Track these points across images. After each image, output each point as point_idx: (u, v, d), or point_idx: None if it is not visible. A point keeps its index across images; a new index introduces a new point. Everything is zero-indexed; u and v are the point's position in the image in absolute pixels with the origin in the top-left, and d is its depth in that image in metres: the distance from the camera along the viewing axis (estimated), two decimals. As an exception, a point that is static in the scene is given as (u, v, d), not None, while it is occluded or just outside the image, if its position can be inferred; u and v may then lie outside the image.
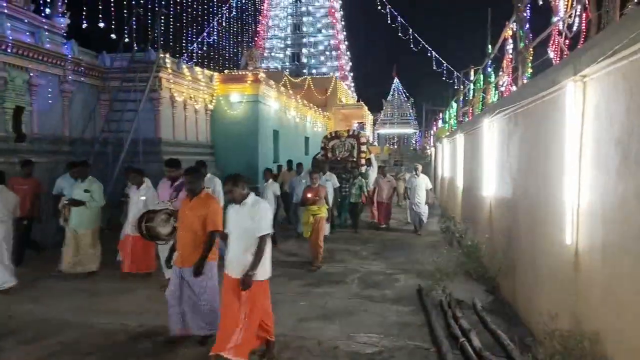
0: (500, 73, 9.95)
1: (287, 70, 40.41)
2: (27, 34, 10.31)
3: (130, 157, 11.67)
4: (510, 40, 8.80)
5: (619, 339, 3.22)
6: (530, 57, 7.46)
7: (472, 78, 14.94)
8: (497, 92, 10.74)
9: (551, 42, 7.04)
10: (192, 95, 14.78)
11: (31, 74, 10.33)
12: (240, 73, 17.34)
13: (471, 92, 14.59)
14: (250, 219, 4.31)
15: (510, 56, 8.96)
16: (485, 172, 7.78)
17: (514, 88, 8.59)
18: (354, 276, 7.60)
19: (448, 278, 6.37)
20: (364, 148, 14.58)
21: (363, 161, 14.45)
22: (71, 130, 11.68)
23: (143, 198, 7.18)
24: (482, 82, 12.29)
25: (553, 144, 4.47)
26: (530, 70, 7.38)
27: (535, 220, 5.06)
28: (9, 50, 9.61)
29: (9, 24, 9.64)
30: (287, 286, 7.04)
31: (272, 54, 49.80)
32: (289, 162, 13.52)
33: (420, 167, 12.37)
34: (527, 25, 7.71)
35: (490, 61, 11.47)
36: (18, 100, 10.07)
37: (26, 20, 10.34)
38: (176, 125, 13.89)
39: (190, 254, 4.72)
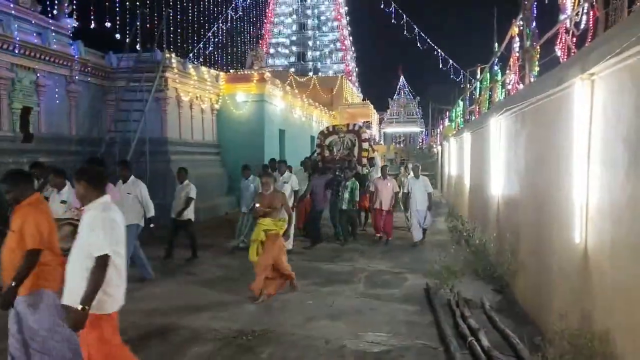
0: (507, 71, 9.90)
1: (293, 69, 40.41)
2: (34, 34, 10.39)
3: (137, 157, 11.74)
4: (517, 39, 8.75)
5: (630, 338, 3.20)
6: (537, 56, 7.42)
7: (478, 76, 14.87)
8: (503, 90, 10.68)
9: (558, 40, 7.00)
10: (198, 95, 14.83)
11: (38, 75, 10.41)
12: (246, 73, 17.41)
13: (478, 90, 14.53)
14: (89, 231, 3.24)
15: (517, 54, 8.91)
16: (493, 170, 7.75)
17: (520, 86, 8.54)
18: (361, 275, 7.60)
19: (456, 277, 6.34)
20: (365, 145, 12.80)
21: (365, 161, 12.69)
22: (78, 130, 11.77)
23: (63, 204, 5.89)
24: (488, 81, 12.23)
25: (561, 142, 4.44)
26: (537, 69, 7.34)
27: (543, 219, 5.04)
28: (16, 51, 9.69)
29: (16, 25, 9.72)
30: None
31: (278, 53, 49.83)
32: (272, 161, 10.93)
33: (419, 167, 10.66)
34: (534, 23, 7.67)
35: (496, 59, 11.42)
36: (25, 100, 10.15)
37: (33, 21, 10.42)
38: (182, 124, 13.94)
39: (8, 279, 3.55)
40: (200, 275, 7.67)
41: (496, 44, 11.80)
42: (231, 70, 21.01)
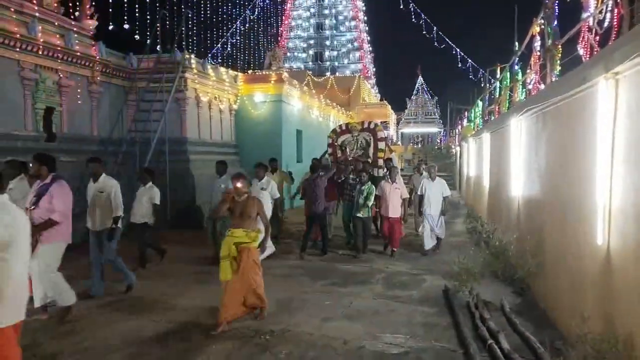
0: (528, 71, 9.78)
1: (310, 69, 40.48)
2: (57, 36, 10.56)
3: (157, 157, 11.87)
4: (538, 37, 8.64)
5: (655, 343, 3.14)
6: (559, 55, 7.31)
7: (498, 76, 14.71)
8: (524, 90, 10.55)
9: (580, 38, 6.89)
10: (217, 95, 14.93)
11: (61, 75, 10.59)
12: (264, 73, 17.46)
13: (497, 90, 14.37)
14: None
15: (538, 53, 8.81)
16: (513, 171, 7.66)
17: (542, 86, 8.43)
18: (379, 276, 7.57)
19: (475, 279, 6.28)
20: (381, 145, 11.49)
21: (381, 162, 11.34)
22: (99, 130, 11.94)
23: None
24: (509, 80, 12.10)
25: (584, 142, 4.37)
26: (558, 68, 7.24)
27: (565, 220, 4.96)
28: (40, 53, 9.87)
29: (40, 27, 9.90)
30: (312, 285, 7.05)
31: (295, 53, 49.96)
32: (272, 161, 10.30)
33: (435, 168, 9.63)
34: (556, 22, 7.57)
35: (517, 59, 11.28)
36: (48, 101, 10.33)
37: (56, 23, 10.61)
38: (201, 124, 14.06)
39: None
40: (216, 274, 7.71)
41: (516, 43, 11.68)
42: (249, 71, 21.11)
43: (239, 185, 5.53)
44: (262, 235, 5.65)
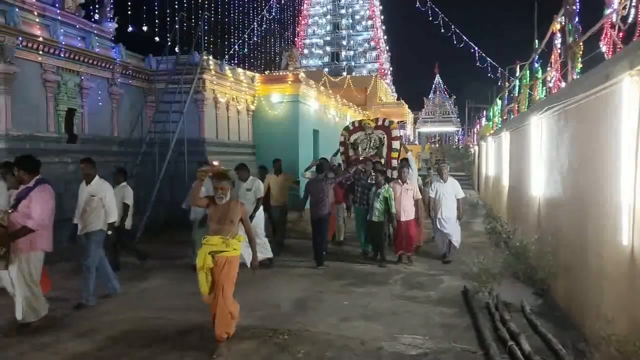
0: (548, 68, 9.63)
1: (327, 69, 40.47)
2: (78, 38, 10.73)
3: (176, 157, 11.98)
4: (559, 35, 8.51)
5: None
6: (581, 52, 7.19)
7: (517, 74, 14.52)
8: (544, 88, 10.40)
9: (603, 35, 6.76)
10: (235, 96, 15.02)
11: (82, 77, 10.76)
12: (280, 73, 17.53)
13: (516, 88, 14.18)
14: None
15: (559, 51, 8.67)
16: (533, 170, 7.55)
17: (563, 84, 8.29)
18: (396, 277, 7.53)
19: (494, 280, 6.20)
20: (396, 144, 10.57)
21: (395, 162, 10.37)
22: (120, 131, 12.10)
23: None
24: (528, 78, 11.93)
25: (607, 141, 4.29)
26: (580, 66, 7.11)
27: (588, 221, 4.87)
28: (61, 55, 10.04)
29: (62, 30, 10.07)
30: (329, 285, 7.05)
31: (312, 53, 50.00)
32: (275, 161, 10.07)
33: (447, 168, 9.06)
34: (577, 19, 7.44)
35: (537, 56, 11.12)
36: (70, 102, 10.50)
37: (77, 26, 10.78)
38: (219, 125, 14.15)
39: None
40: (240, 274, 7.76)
41: (536, 41, 11.50)
42: (266, 72, 21.18)
43: (222, 184, 4.79)
44: (242, 243, 4.91)
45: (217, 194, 4.78)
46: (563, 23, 7.92)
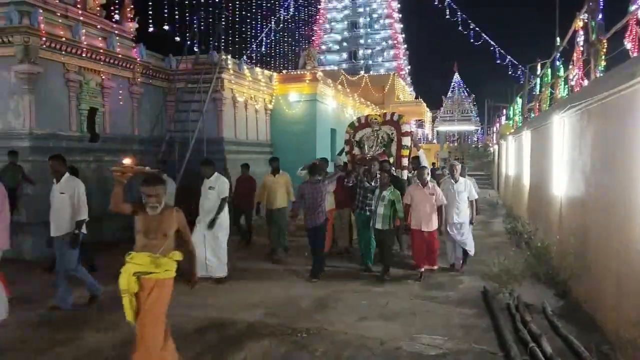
0: (570, 66, 9.48)
1: (344, 68, 40.41)
2: (100, 39, 10.89)
3: (195, 156, 12.08)
4: (581, 32, 8.37)
5: None
6: (604, 50, 7.06)
7: (538, 72, 14.32)
8: (566, 86, 10.24)
9: (628, 32, 6.63)
10: (253, 95, 15.09)
11: (103, 77, 10.91)
12: (298, 73, 17.54)
13: (538, 87, 13.98)
14: None
15: (581, 48, 8.52)
16: (555, 170, 7.44)
17: (585, 82, 8.15)
18: (415, 276, 7.48)
19: (515, 280, 6.13)
20: (406, 141, 9.49)
21: (405, 162, 9.45)
22: (140, 130, 12.24)
23: None
24: (550, 77, 11.75)
25: (632, 140, 4.20)
26: (603, 63, 6.99)
27: (612, 221, 4.78)
28: (83, 55, 10.19)
29: (83, 30, 10.22)
30: (347, 284, 7.03)
31: (329, 52, 49.96)
32: (272, 160, 9.47)
33: (458, 167, 8.00)
34: (600, 16, 7.30)
35: (558, 54, 10.96)
36: (92, 102, 10.66)
37: (99, 26, 10.94)
38: (237, 124, 14.23)
39: None
40: (252, 271, 7.82)
41: (557, 39, 11.32)
42: (284, 71, 21.22)
43: (156, 190, 3.85)
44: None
45: (149, 203, 3.82)
46: (586, 20, 7.79)
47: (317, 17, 49.80)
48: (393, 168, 9.02)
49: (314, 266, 7.46)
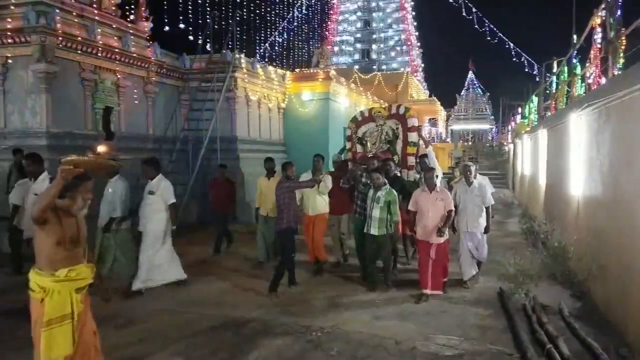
0: (587, 64, 9.35)
1: (357, 66, 40.34)
2: (115, 38, 10.98)
3: (209, 155, 12.15)
4: (599, 29, 8.25)
5: None
6: (623, 47, 6.95)
7: (554, 70, 14.15)
8: (583, 84, 10.10)
9: (647, 29, 6.52)
10: (266, 94, 15.12)
11: (118, 76, 11.01)
12: (311, 71, 17.54)
13: (554, 85, 13.81)
14: None
15: (599, 46, 8.40)
16: (572, 169, 7.34)
17: (603, 80, 8.03)
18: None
19: (531, 281, 6.06)
20: (413, 137, 8.32)
21: (412, 160, 8.26)
22: (155, 129, 12.33)
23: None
24: (566, 75, 11.60)
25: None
26: (622, 61, 6.88)
27: (631, 221, 4.69)
28: (99, 54, 10.29)
29: (99, 30, 10.32)
30: (361, 284, 6.99)
31: (342, 50, 49.89)
32: (267, 160, 8.38)
33: (473, 168, 7.02)
34: (619, 12, 7.19)
35: (575, 52, 10.80)
36: (107, 100, 10.76)
37: (114, 26, 11.03)
38: (251, 123, 14.28)
39: None
40: (269, 270, 7.82)
41: (574, 36, 11.17)
42: (297, 69, 21.26)
43: (90, 187, 3.36)
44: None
45: (84, 202, 3.33)
46: (604, 17, 7.67)
47: (331, 15, 49.74)
48: (398, 168, 8.06)
49: (275, 278, 6.45)
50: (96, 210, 6.46)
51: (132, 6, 12.23)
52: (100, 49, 10.25)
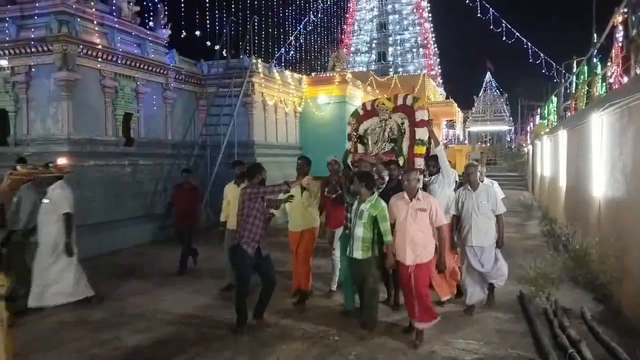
0: (609, 63, 9.20)
1: (373, 69, 40.26)
2: (134, 45, 11.16)
3: (227, 160, 12.23)
4: (620, 27, 8.12)
5: None
6: (646, 45, 6.82)
7: (574, 70, 13.95)
8: (604, 84, 9.94)
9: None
10: (282, 99, 15.20)
11: (138, 83, 11.17)
12: (327, 75, 17.57)
13: (573, 85, 13.62)
14: None
15: (620, 44, 8.27)
16: (593, 170, 7.22)
17: (625, 79, 7.90)
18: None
19: (552, 284, 5.96)
20: (421, 134, 6.70)
21: (421, 163, 6.59)
22: (173, 135, 12.48)
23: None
24: (586, 74, 11.43)
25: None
26: (644, 59, 6.75)
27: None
28: (119, 61, 10.46)
29: (119, 38, 10.49)
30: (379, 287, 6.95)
31: (358, 54, 49.88)
32: (236, 164, 7.07)
33: (477, 169, 5.83)
34: (642, 10, 7.07)
35: (595, 51, 10.64)
36: (127, 107, 10.92)
37: (133, 33, 11.20)
38: (268, 127, 14.37)
39: None
40: (283, 272, 7.83)
41: (595, 35, 11.00)
42: (313, 74, 21.32)
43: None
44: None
45: None
46: (626, 14, 7.55)
47: (346, 18, 49.79)
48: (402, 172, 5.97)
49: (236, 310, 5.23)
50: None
51: (151, 14, 12.42)
52: (120, 56, 10.42)
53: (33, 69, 9.61)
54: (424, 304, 4.85)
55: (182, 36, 14.24)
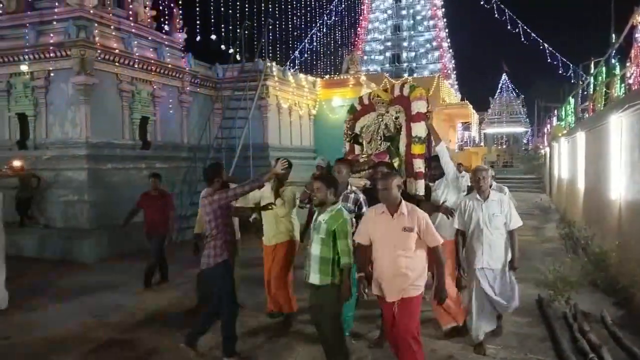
0: (628, 64, 9.06)
1: (387, 72, 40.19)
2: (151, 50, 11.28)
3: (242, 163, 12.31)
4: (640, 27, 8.01)
5: None
6: (665, 45, 6.72)
7: (592, 71, 13.77)
8: (622, 85, 9.79)
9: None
10: (297, 102, 15.25)
11: (154, 87, 11.30)
12: (342, 77, 17.57)
13: (591, 86, 13.44)
14: None
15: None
16: (613, 172, 7.11)
17: (645, 79, 7.78)
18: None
19: (572, 288, 5.87)
20: (418, 129, 5.28)
21: (420, 165, 5.21)
22: (189, 138, 12.59)
23: None
24: (604, 75, 11.28)
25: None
26: (664, 59, 6.65)
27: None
28: (135, 66, 10.58)
29: (135, 42, 10.62)
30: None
31: (373, 56, 49.82)
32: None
33: (488, 174, 4.76)
34: (662, 10, 6.97)
35: (614, 51, 10.50)
36: (143, 111, 11.05)
37: (149, 38, 11.34)
38: (282, 130, 14.43)
39: None
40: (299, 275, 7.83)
41: (613, 35, 10.87)
42: (327, 76, 21.33)
43: None
44: None
45: None
46: (645, 14, 7.45)
47: (360, 21, 49.80)
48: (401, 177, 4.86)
49: (193, 333, 4.58)
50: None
51: (167, 18, 12.56)
52: (136, 60, 10.54)
53: (52, 74, 9.77)
54: (407, 346, 3.67)
55: (197, 40, 14.39)
